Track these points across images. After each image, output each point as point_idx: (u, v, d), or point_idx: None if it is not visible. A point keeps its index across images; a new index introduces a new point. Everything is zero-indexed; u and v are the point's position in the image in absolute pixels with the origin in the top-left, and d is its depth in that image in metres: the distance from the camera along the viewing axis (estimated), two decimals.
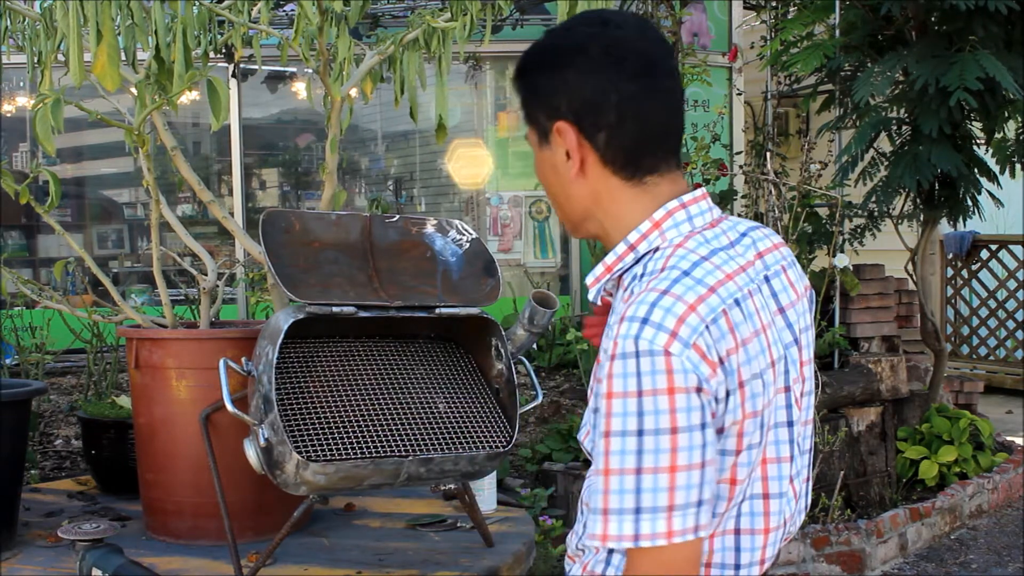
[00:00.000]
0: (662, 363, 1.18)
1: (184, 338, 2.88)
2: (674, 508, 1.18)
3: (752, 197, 5.47)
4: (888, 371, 5.01)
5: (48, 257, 7.72)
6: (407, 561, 2.49)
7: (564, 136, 1.32)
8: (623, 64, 1.30)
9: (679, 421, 1.17)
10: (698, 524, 1.19)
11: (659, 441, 1.17)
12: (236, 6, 2.80)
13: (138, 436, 2.97)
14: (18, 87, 7.56)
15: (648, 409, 1.17)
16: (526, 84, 1.37)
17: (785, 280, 1.38)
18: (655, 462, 1.17)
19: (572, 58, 1.31)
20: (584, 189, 1.34)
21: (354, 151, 8.92)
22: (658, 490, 1.17)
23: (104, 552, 2.11)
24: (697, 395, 1.18)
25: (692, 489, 1.18)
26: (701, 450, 1.18)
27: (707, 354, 1.20)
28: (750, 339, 1.26)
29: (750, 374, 1.25)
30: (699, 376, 1.19)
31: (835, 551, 4.26)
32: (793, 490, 1.38)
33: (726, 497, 1.28)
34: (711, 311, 1.23)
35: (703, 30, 7.15)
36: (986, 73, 4.33)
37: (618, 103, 1.29)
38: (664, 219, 1.32)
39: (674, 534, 1.18)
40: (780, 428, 1.35)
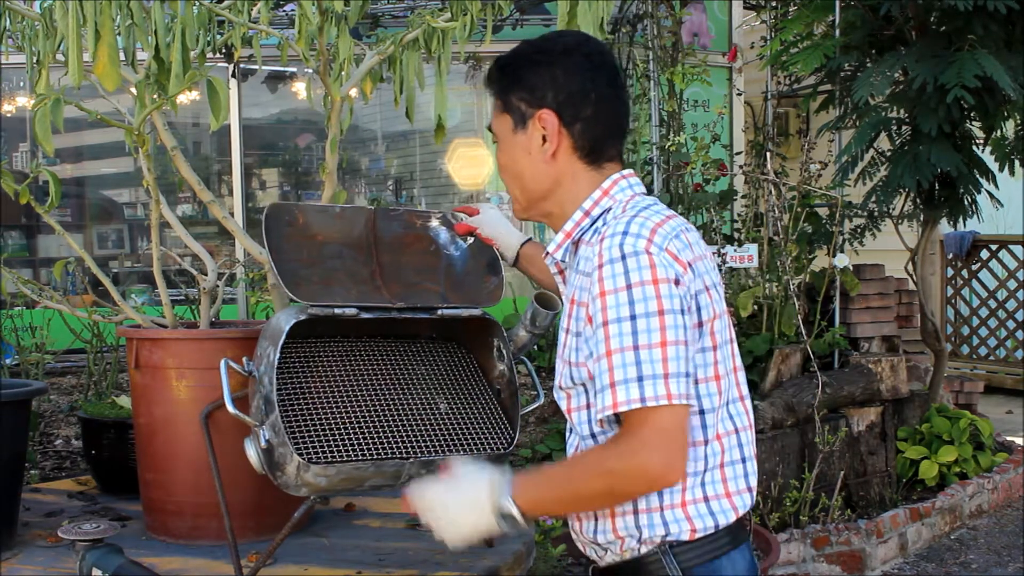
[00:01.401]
0: (645, 260, 1.43)
1: (184, 338, 2.88)
2: (669, 376, 1.40)
3: (752, 197, 5.46)
4: (888, 371, 5.01)
5: (48, 257, 7.72)
6: (407, 561, 2.49)
7: (546, 122, 1.58)
8: (601, 70, 1.59)
9: (664, 305, 1.42)
10: (688, 392, 1.42)
11: (650, 322, 1.41)
12: (236, 6, 2.80)
13: (138, 436, 2.97)
14: (18, 87, 7.56)
15: (638, 297, 1.42)
16: (511, 75, 1.61)
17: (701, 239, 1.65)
18: (648, 339, 1.40)
19: (561, 59, 1.58)
20: (552, 170, 1.60)
21: (354, 151, 8.92)
22: (654, 361, 1.40)
23: (104, 552, 2.11)
24: (675, 286, 1.44)
25: (680, 360, 1.41)
26: (684, 330, 1.43)
27: (678, 255, 1.46)
28: (703, 257, 1.53)
29: (712, 281, 1.52)
30: (675, 271, 1.44)
31: (835, 551, 4.26)
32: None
33: (715, 392, 1.51)
34: (673, 229, 1.51)
35: (703, 30, 7.15)
36: (984, 72, 4.33)
37: (596, 101, 1.57)
38: (611, 187, 1.60)
39: (673, 396, 1.39)
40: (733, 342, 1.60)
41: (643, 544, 1.50)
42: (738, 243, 5.08)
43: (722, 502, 1.52)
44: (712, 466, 1.52)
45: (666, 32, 5.41)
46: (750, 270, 5.08)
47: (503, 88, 1.62)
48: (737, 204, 5.66)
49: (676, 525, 1.49)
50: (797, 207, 5.03)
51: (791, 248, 4.93)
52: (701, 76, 5.29)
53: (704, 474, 1.51)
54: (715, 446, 1.52)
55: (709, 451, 1.51)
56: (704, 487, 1.51)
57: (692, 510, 1.50)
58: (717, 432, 1.52)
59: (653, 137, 5.18)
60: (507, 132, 1.63)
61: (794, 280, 4.96)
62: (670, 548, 1.49)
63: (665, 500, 1.49)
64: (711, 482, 1.51)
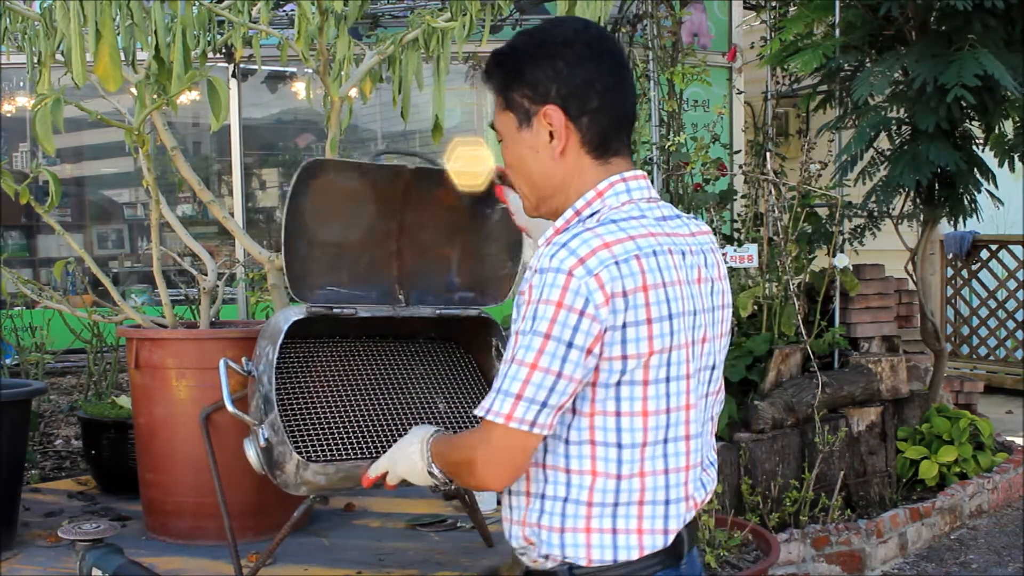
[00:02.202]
0: (561, 280, 1.40)
1: (184, 338, 2.88)
2: (521, 398, 1.41)
3: (752, 197, 5.46)
4: (888, 371, 5.01)
5: (48, 257, 7.72)
6: (407, 561, 2.49)
7: (552, 118, 1.52)
8: (604, 58, 1.52)
9: (553, 331, 1.40)
10: (536, 420, 1.41)
11: (532, 341, 1.41)
12: (236, 6, 2.80)
13: (138, 436, 2.97)
14: (18, 87, 7.56)
15: (538, 314, 1.41)
16: (510, 71, 1.55)
17: (713, 259, 1.59)
18: (524, 356, 1.41)
19: (561, 50, 1.52)
20: (561, 167, 1.54)
21: (354, 151, 8.92)
22: (516, 379, 1.41)
23: (104, 552, 2.11)
24: (578, 316, 1.40)
25: (541, 389, 1.40)
26: (561, 362, 1.40)
27: (605, 285, 1.40)
28: (659, 286, 1.45)
29: (659, 314, 1.45)
30: (590, 301, 1.40)
31: (835, 551, 4.26)
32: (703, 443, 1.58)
33: (640, 428, 1.46)
34: (625, 252, 1.43)
35: (703, 30, 7.15)
36: (985, 71, 4.33)
37: (601, 92, 1.51)
38: (606, 189, 1.53)
39: (512, 419, 1.41)
40: (704, 372, 1.55)
41: (548, 560, 1.51)
42: (738, 243, 5.08)
43: (630, 538, 1.47)
44: (628, 501, 1.47)
45: (666, 32, 5.40)
46: (750, 270, 5.08)
47: (503, 84, 1.56)
48: (737, 204, 5.66)
49: (573, 549, 1.48)
50: (797, 207, 5.03)
51: (791, 248, 4.93)
52: (701, 76, 5.29)
53: (617, 507, 1.47)
54: (634, 482, 1.47)
55: (625, 486, 1.47)
56: (615, 519, 1.47)
57: (596, 539, 1.47)
58: (641, 469, 1.47)
59: (653, 137, 5.18)
60: (512, 130, 1.57)
61: (794, 280, 4.96)
62: (570, 570, 1.49)
63: (568, 523, 1.48)
64: (624, 516, 1.47)
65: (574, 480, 1.47)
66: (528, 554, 1.54)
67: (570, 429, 1.46)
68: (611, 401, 1.45)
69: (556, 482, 1.48)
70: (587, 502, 1.47)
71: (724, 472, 4.30)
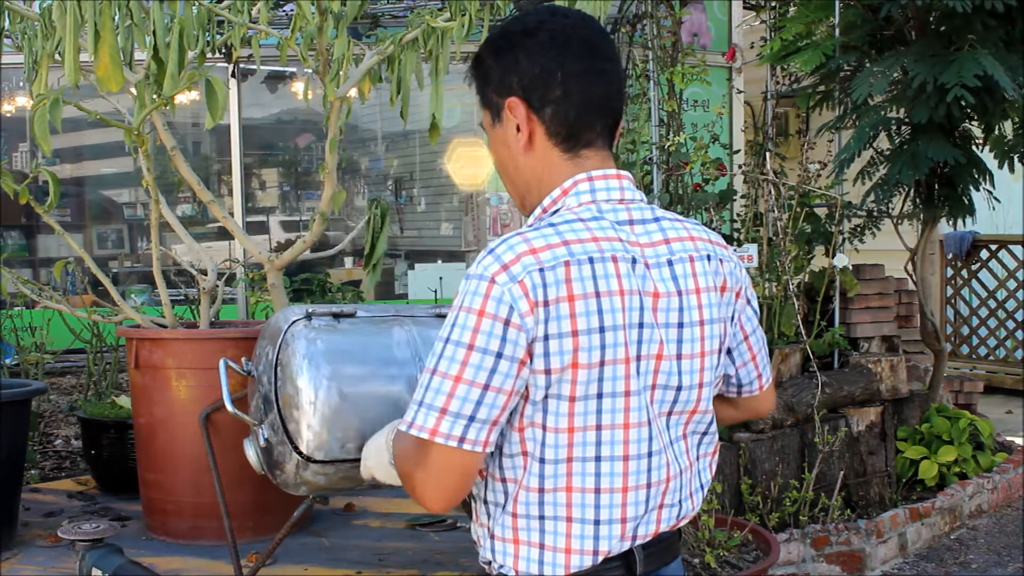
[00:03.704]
0: (484, 288, 1.34)
1: (184, 338, 2.88)
2: (446, 412, 1.34)
3: (751, 197, 5.46)
4: (888, 371, 5.01)
5: (48, 257, 7.72)
6: (407, 561, 2.49)
7: (515, 110, 1.48)
8: (568, 46, 1.47)
9: (477, 341, 1.33)
10: (464, 436, 1.34)
11: (456, 351, 1.34)
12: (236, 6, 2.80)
13: (138, 436, 2.97)
14: (18, 87, 7.56)
15: (460, 322, 1.35)
16: (482, 68, 1.54)
17: (688, 271, 1.47)
18: (447, 368, 1.34)
19: (523, 40, 1.48)
20: (531, 161, 1.49)
21: (354, 151, 8.92)
22: (439, 392, 1.34)
23: (104, 552, 2.11)
24: (504, 326, 1.33)
25: (467, 403, 1.33)
26: (488, 373, 1.33)
27: (529, 292, 1.34)
28: (591, 296, 1.36)
29: (587, 326, 1.36)
30: (514, 309, 1.33)
31: (835, 551, 4.26)
32: (670, 461, 1.46)
33: (564, 444, 1.39)
34: (553, 258, 1.36)
35: (703, 30, 7.15)
36: (984, 71, 4.33)
37: (563, 79, 1.45)
38: (571, 187, 1.47)
39: (437, 434, 1.34)
40: (662, 390, 1.44)
41: (490, 565, 1.48)
42: (737, 243, 5.08)
43: (557, 555, 1.41)
44: (555, 516, 1.41)
45: (666, 32, 5.40)
46: (749, 270, 5.08)
47: (479, 83, 1.55)
48: (736, 204, 5.66)
49: (503, 556, 1.45)
50: (796, 207, 5.03)
51: (790, 248, 4.93)
52: (700, 76, 5.29)
53: (544, 520, 1.41)
54: (560, 496, 1.40)
55: (549, 499, 1.40)
56: (543, 534, 1.42)
57: (523, 551, 1.43)
58: (568, 484, 1.40)
59: (653, 137, 5.17)
60: (489, 128, 1.55)
61: (793, 280, 4.96)
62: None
63: (496, 531, 1.45)
64: (553, 532, 1.41)
65: (509, 488, 1.43)
66: (480, 552, 1.52)
67: (505, 443, 1.42)
68: (539, 415, 1.38)
69: (495, 489, 1.45)
70: (512, 513, 1.43)
71: (724, 472, 4.30)
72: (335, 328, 2.04)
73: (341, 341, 2.03)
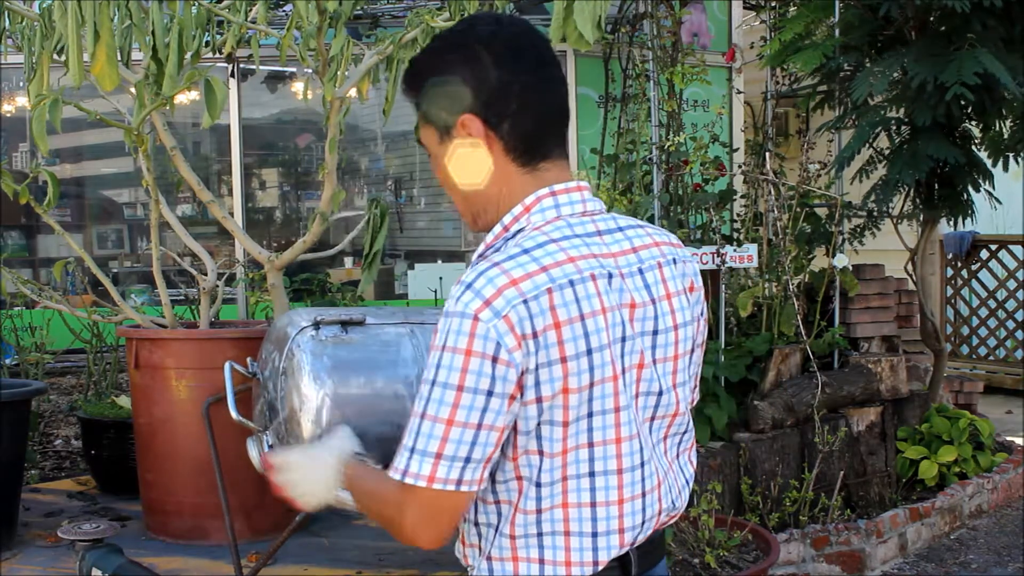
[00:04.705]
0: (468, 326, 1.30)
1: (184, 338, 2.89)
2: (441, 457, 1.31)
3: (751, 197, 5.46)
4: (888, 371, 5.01)
5: (48, 257, 7.71)
6: (407, 561, 2.49)
7: (471, 127, 1.42)
8: (521, 57, 1.42)
9: (466, 381, 1.30)
10: (461, 478, 1.32)
11: (445, 394, 1.30)
12: (235, 6, 2.80)
13: (138, 436, 2.97)
14: (18, 87, 7.56)
15: (445, 363, 1.31)
16: (425, 80, 1.46)
17: (658, 277, 1.47)
18: (436, 411, 1.31)
19: (476, 51, 1.41)
20: (487, 178, 1.45)
21: (354, 151, 8.92)
22: (432, 437, 1.31)
23: (104, 552, 2.11)
24: (492, 363, 1.30)
25: (462, 445, 1.31)
26: (480, 413, 1.30)
27: (515, 327, 1.31)
28: (576, 320, 1.35)
29: (575, 351, 1.34)
30: (501, 345, 1.30)
31: (835, 551, 4.26)
32: (657, 467, 1.47)
33: (559, 466, 1.38)
34: (535, 288, 1.33)
35: (703, 30, 7.15)
36: (985, 69, 4.33)
37: (519, 92, 1.41)
38: (533, 204, 1.43)
39: (435, 480, 1.32)
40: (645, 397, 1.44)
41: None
42: (737, 243, 5.08)
43: (557, 568, 1.41)
44: (552, 531, 1.41)
45: (666, 32, 5.40)
46: (749, 270, 5.08)
47: (420, 95, 1.47)
48: (736, 204, 5.66)
49: (501, 573, 1.43)
50: (796, 207, 5.03)
51: (790, 248, 4.93)
52: (700, 76, 5.29)
53: (542, 537, 1.41)
54: (556, 513, 1.40)
55: (547, 517, 1.40)
56: (542, 550, 1.41)
57: (523, 567, 1.42)
58: (564, 501, 1.39)
59: (653, 137, 5.17)
60: (434, 144, 1.48)
61: (793, 280, 4.96)
62: None
63: (494, 552, 1.43)
64: (552, 547, 1.41)
65: (503, 510, 1.42)
66: (467, 569, 1.50)
67: (499, 470, 1.40)
68: (533, 442, 1.37)
69: (487, 511, 1.43)
70: (510, 535, 1.41)
71: (724, 472, 4.30)
72: (342, 340, 2.03)
73: (347, 358, 2.02)
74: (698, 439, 4.37)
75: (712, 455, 4.31)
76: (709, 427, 4.41)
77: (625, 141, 5.68)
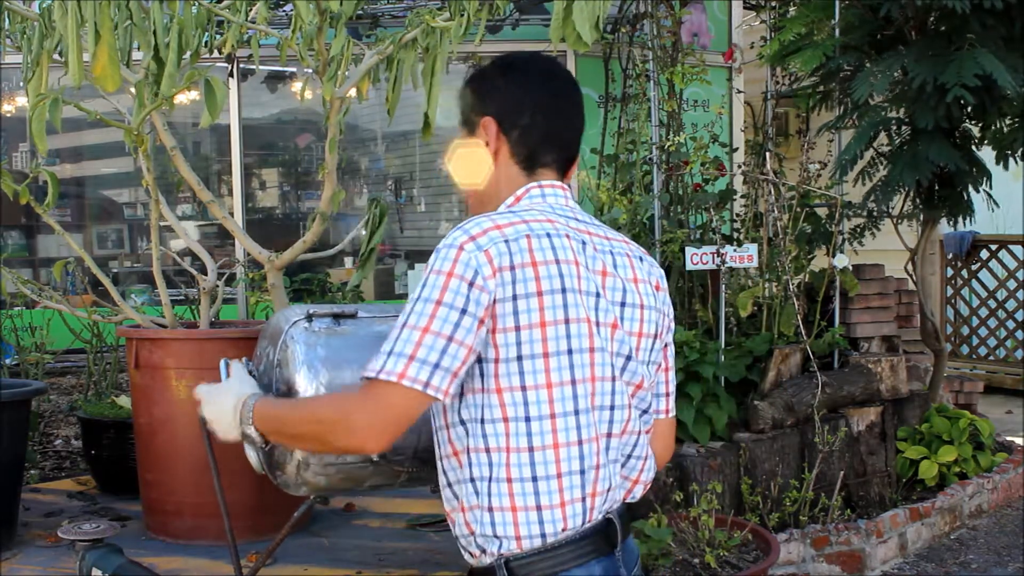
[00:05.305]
0: (453, 254, 1.53)
1: (184, 338, 2.89)
2: (414, 358, 1.48)
3: (751, 197, 5.46)
4: (888, 371, 5.00)
5: (48, 257, 7.72)
6: (407, 561, 2.49)
7: (487, 128, 1.71)
8: (543, 84, 1.72)
9: (445, 298, 1.50)
10: (429, 381, 1.48)
11: (425, 307, 1.51)
12: (235, 6, 2.80)
13: (138, 436, 2.97)
14: (18, 87, 7.57)
15: (429, 283, 1.52)
16: (469, 90, 1.77)
17: (627, 263, 1.69)
18: (416, 322, 1.50)
19: (506, 72, 1.74)
20: (494, 173, 1.72)
21: (354, 151, 8.92)
22: (408, 342, 1.49)
23: (104, 552, 2.11)
24: (468, 286, 1.51)
25: (433, 351, 1.48)
26: (453, 327, 1.49)
27: (494, 259, 1.53)
28: (551, 263, 1.56)
29: (550, 288, 1.55)
30: (479, 273, 1.51)
31: (835, 551, 4.26)
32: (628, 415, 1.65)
33: (545, 400, 1.54)
34: (515, 232, 1.57)
35: (703, 30, 7.15)
36: (984, 70, 4.33)
37: (532, 111, 1.70)
38: (524, 194, 1.70)
39: (404, 377, 1.48)
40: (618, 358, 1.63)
41: (485, 554, 1.57)
42: (737, 243, 5.08)
43: (554, 512, 1.55)
44: (546, 475, 1.54)
45: (666, 32, 5.40)
46: (749, 270, 5.08)
47: (463, 102, 1.77)
48: (736, 204, 5.65)
49: (503, 527, 1.54)
50: (796, 207, 5.03)
51: (790, 248, 4.93)
52: (700, 76, 5.29)
53: (537, 482, 1.54)
54: (548, 454, 1.54)
55: (539, 458, 1.54)
56: (538, 496, 1.54)
57: (521, 516, 1.54)
58: (555, 441, 1.54)
59: (653, 137, 5.17)
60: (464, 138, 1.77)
61: (793, 280, 4.96)
62: (505, 563, 1.55)
63: (494, 502, 1.54)
64: (547, 492, 1.54)
65: (494, 458, 1.54)
66: (469, 547, 1.60)
67: (484, 409, 1.54)
68: (516, 376, 1.53)
69: (480, 463, 1.55)
70: (506, 478, 1.53)
71: (724, 472, 4.30)
72: (335, 332, 2.05)
73: (340, 347, 2.04)
74: (698, 439, 4.37)
75: (712, 455, 4.31)
76: (709, 427, 4.40)
77: (625, 141, 5.67)
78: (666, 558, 3.53)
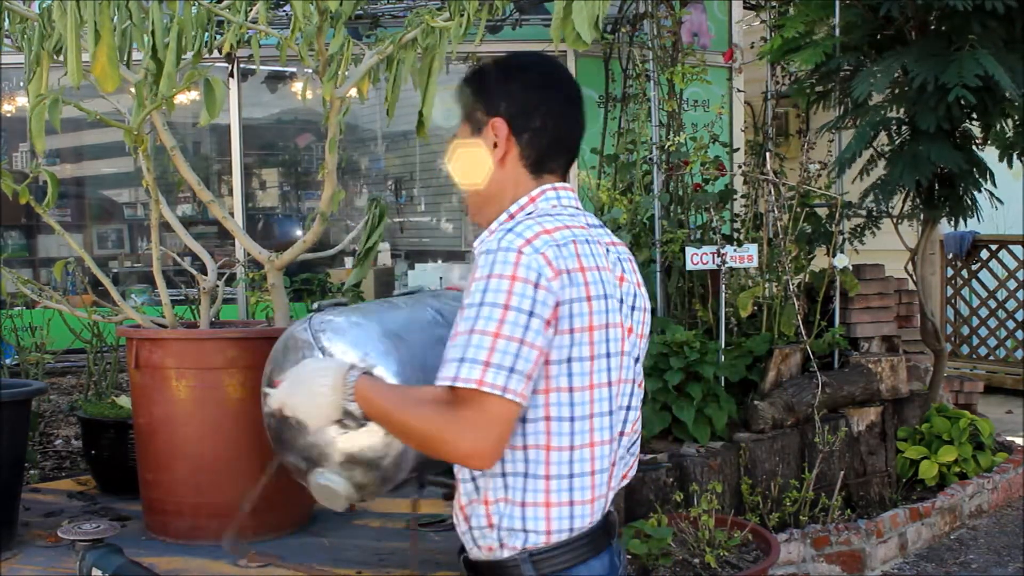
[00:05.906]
0: (513, 257, 1.53)
1: (184, 338, 2.89)
2: (489, 364, 1.48)
3: (751, 197, 5.46)
4: (888, 371, 5.00)
5: (48, 257, 7.72)
6: (407, 561, 2.49)
7: (498, 129, 1.70)
8: (554, 89, 1.72)
9: (512, 301, 1.50)
10: (507, 386, 1.48)
11: (492, 312, 1.50)
12: (235, 6, 2.80)
13: (138, 436, 2.97)
14: (18, 87, 7.56)
15: (492, 288, 1.51)
16: (473, 88, 1.75)
17: (631, 267, 1.76)
18: (485, 327, 1.49)
19: (517, 74, 1.73)
20: (500, 174, 1.72)
21: (354, 151, 8.92)
22: (481, 347, 1.48)
23: (104, 552, 2.11)
24: (534, 288, 1.52)
25: (507, 355, 1.48)
26: (523, 329, 1.50)
27: (552, 262, 1.55)
28: (594, 269, 1.61)
29: (596, 293, 1.60)
30: (541, 275, 1.53)
31: (835, 551, 4.26)
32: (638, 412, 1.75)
33: (587, 401, 1.58)
34: (564, 237, 1.60)
35: (703, 30, 7.15)
36: (986, 71, 4.33)
37: (544, 115, 1.70)
38: (539, 195, 1.71)
39: (483, 384, 1.47)
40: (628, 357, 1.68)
41: (504, 548, 1.57)
42: (738, 243, 5.08)
43: (584, 507, 1.59)
44: (581, 472, 1.58)
45: (666, 32, 5.39)
46: (750, 270, 5.07)
47: (466, 100, 1.75)
48: (736, 204, 5.65)
49: (534, 522, 1.56)
50: (796, 207, 5.02)
51: (790, 248, 4.92)
52: (700, 76, 5.28)
53: (573, 479, 1.58)
54: (584, 452, 1.59)
55: (577, 456, 1.58)
56: (572, 492, 1.58)
57: (555, 512, 1.57)
58: (591, 440, 1.59)
59: (653, 137, 5.17)
60: (466, 137, 1.76)
61: (793, 280, 4.96)
62: (529, 556, 1.56)
63: (528, 497, 1.56)
64: (580, 488, 1.59)
65: (531, 455, 1.55)
66: (482, 540, 1.60)
67: (527, 408, 1.54)
68: (564, 377, 1.56)
69: (514, 460, 1.56)
70: (544, 475, 1.55)
71: (724, 472, 4.30)
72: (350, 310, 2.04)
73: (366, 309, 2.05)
74: (698, 439, 4.37)
75: (712, 455, 4.30)
76: (709, 427, 4.40)
77: (625, 141, 5.67)
78: (666, 558, 3.53)
